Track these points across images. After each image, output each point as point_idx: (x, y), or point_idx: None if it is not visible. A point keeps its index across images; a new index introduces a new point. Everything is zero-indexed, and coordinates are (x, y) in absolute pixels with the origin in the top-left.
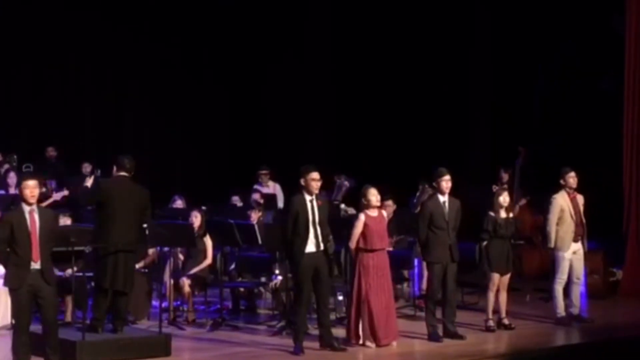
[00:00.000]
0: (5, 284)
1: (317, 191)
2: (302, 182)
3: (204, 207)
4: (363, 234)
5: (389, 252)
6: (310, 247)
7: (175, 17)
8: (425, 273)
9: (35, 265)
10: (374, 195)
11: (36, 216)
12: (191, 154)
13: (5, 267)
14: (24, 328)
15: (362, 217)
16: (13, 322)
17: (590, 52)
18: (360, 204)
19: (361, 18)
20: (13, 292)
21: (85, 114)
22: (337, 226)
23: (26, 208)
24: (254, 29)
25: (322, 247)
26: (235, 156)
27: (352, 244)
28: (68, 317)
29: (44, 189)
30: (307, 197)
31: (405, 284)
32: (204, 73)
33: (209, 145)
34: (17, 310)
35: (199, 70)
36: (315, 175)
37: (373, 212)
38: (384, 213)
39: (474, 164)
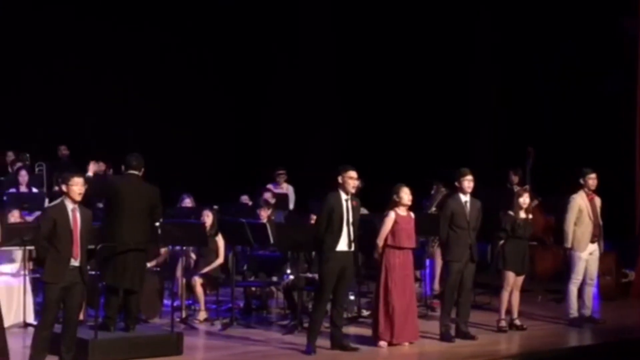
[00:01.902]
0: (43, 277)
1: (353, 190)
2: (339, 180)
3: (215, 207)
4: (392, 232)
5: None
6: (342, 246)
7: (182, 18)
8: (437, 273)
9: (75, 262)
10: (406, 194)
11: (78, 214)
12: (198, 153)
13: (43, 261)
14: (49, 323)
15: (392, 214)
16: (25, 320)
17: (593, 52)
18: (391, 201)
19: (364, 19)
20: (47, 286)
21: (96, 113)
22: None
23: (70, 205)
24: (258, 28)
25: (353, 247)
26: (242, 156)
27: (380, 241)
28: (80, 316)
29: (55, 188)
30: (344, 196)
31: (417, 284)
32: (212, 72)
33: (216, 144)
34: (46, 305)
35: (208, 69)
36: (352, 174)
37: (402, 211)
38: (412, 213)
39: (477, 165)
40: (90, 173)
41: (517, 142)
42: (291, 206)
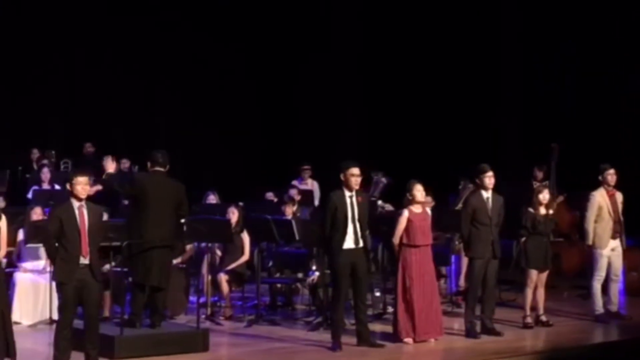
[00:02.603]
0: (54, 278)
1: (357, 187)
2: (341, 177)
3: (240, 203)
4: (406, 230)
5: None
6: (349, 243)
7: (210, 14)
8: (463, 270)
9: (85, 260)
10: (419, 191)
11: (85, 211)
12: (224, 150)
13: (54, 261)
14: (68, 322)
15: (405, 213)
16: (52, 317)
17: (620, 49)
18: (405, 199)
19: (391, 14)
20: (61, 287)
21: (122, 110)
22: (375, 223)
23: (75, 204)
24: (286, 26)
25: (361, 243)
26: (267, 153)
27: (396, 240)
28: (106, 313)
29: None
30: (347, 193)
31: (442, 281)
32: (239, 69)
33: (241, 141)
34: (62, 304)
35: (235, 66)
36: (355, 170)
37: (417, 209)
38: (428, 210)
39: (506, 161)
40: (110, 170)
41: (543, 138)
42: (316, 202)
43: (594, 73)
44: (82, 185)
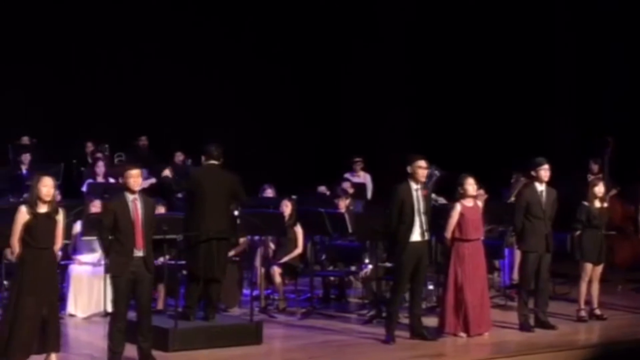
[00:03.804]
0: (108, 271)
1: (423, 179)
2: (408, 170)
3: (294, 196)
4: (458, 224)
5: None
6: (416, 236)
7: (255, 9)
8: (517, 263)
9: (139, 252)
10: (471, 185)
11: (139, 204)
12: (276, 144)
13: (107, 254)
14: (122, 315)
15: (458, 206)
16: (106, 309)
17: None
18: (457, 192)
19: (441, 2)
20: (114, 279)
21: (176, 104)
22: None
23: (129, 196)
24: (331, 15)
25: (426, 236)
26: (320, 146)
27: (448, 234)
28: (160, 305)
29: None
30: (413, 186)
31: (495, 274)
32: (292, 63)
33: (294, 135)
34: (116, 297)
35: (288, 60)
36: (422, 163)
37: (469, 202)
38: (479, 203)
39: (560, 154)
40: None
41: (599, 131)
42: (369, 195)
43: None
44: (135, 178)
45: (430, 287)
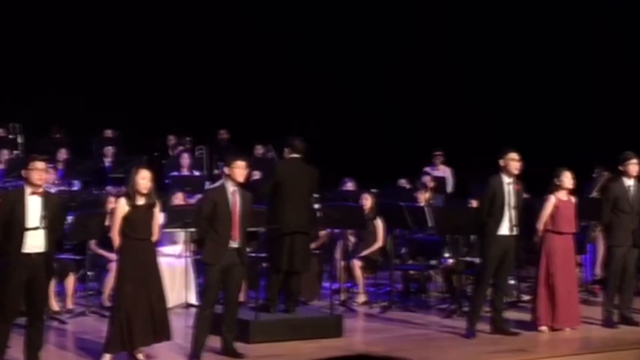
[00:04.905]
0: (204, 259)
1: (516, 172)
2: (501, 163)
3: (374, 190)
4: (552, 216)
5: None
6: (504, 230)
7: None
8: (599, 258)
9: (234, 243)
10: (567, 178)
11: (238, 196)
12: (357, 137)
13: (203, 242)
14: (210, 303)
15: (552, 198)
16: (187, 301)
17: None
18: (552, 185)
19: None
20: (208, 267)
21: (256, 97)
22: None
23: (230, 188)
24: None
25: (515, 231)
26: (401, 140)
27: (540, 225)
28: (241, 297)
29: (216, 171)
30: (506, 179)
31: (578, 269)
32: (370, 58)
33: (374, 128)
34: (207, 285)
35: (366, 54)
36: (515, 155)
37: (563, 196)
38: (573, 198)
39: None
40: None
41: None
42: (449, 189)
43: None
44: (241, 169)
45: (512, 281)
